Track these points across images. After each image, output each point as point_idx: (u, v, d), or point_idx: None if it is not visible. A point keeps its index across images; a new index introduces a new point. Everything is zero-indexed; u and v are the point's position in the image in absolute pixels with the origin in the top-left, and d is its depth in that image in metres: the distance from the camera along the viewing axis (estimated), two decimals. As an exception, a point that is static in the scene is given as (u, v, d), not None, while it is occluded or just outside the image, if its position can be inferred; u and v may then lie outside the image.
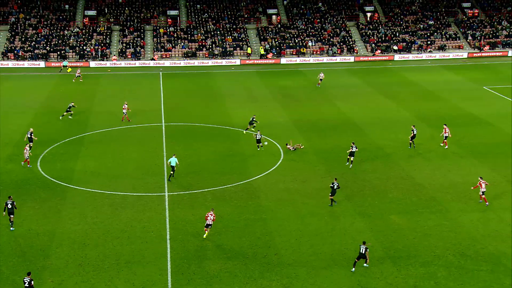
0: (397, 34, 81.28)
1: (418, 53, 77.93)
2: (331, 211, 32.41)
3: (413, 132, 41.39)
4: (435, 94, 57.57)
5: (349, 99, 55.79)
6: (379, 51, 77.62)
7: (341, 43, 79.14)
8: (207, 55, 75.50)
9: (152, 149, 41.63)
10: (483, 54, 77.46)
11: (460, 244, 28.85)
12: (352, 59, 75.88)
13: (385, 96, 56.87)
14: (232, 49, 76.62)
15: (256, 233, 30.05)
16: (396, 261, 27.56)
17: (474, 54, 77.42)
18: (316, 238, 29.66)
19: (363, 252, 26.74)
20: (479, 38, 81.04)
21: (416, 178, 36.78)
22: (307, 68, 71.33)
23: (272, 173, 37.78)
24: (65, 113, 47.95)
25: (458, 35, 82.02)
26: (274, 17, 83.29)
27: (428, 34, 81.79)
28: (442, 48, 79.31)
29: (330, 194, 33.07)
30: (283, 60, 74.68)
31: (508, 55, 77.33)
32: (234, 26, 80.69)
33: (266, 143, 42.43)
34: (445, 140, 42.10)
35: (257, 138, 41.30)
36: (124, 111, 47.32)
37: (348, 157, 38.77)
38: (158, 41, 77.28)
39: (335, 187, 32.95)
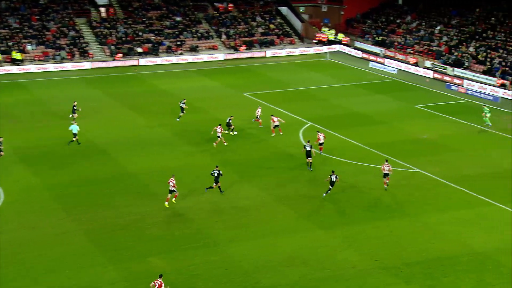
0: (140, 34, 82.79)
1: (167, 56, 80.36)
2: (77, 262, 31.24)
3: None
4: (192, 105, 59.91)
5: (88, 116, 54.89)
6: (121, 55, 78.13)
7: (71, 46, 77.69)
8: None
9: None
10: (240, 56, 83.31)
11: (233, 282, 30.18)
12: (87, 65, 74.97)
13: (134, 110, 57.29)
14: None
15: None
16: (160, 314, 27.63)
17: (231, 56, 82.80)
18: (57, 300, 28.23)
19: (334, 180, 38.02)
20: (234, 37, 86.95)
21: (178, 209, 37.61)
22: (29, 79, 68.32)
23: (-10, 221, 35.09)
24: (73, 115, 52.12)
25: (210, 34, 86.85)
26: (-23, 13, 78.22)
27: (177, 33, 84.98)
28: (194, 49, 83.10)
29: (214, 182, 38.86)
30: (-4, 70, 70.43)
31: (266, 55, 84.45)
32: None
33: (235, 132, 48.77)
34: (273, 129, 49.94)
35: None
36: None
37: None
38: None
39: (216, 174, 38.59)
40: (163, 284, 27.68)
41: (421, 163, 45.36)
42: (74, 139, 47.28)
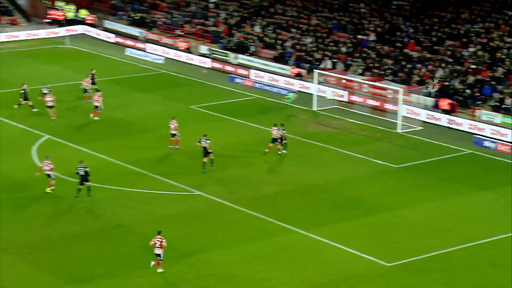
0: None
1: None
2: None
3: None
4: None
5: None
6: None
7: None
8: None
9: None
10: None
11: None
12: None
13: None
14: None
15: None
16: None
17: None
18: None
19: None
20: None
21: None
22: None
23: None
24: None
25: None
26: None
27: None
28: None
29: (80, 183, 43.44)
30: None
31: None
32: None
33: None
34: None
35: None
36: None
37: None
38: None
39: (82, 172, 43.08)
40: (164, 241, 35.41)
41: (202, 184, 46.70)
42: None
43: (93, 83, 63.67)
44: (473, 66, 62.59)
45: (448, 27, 69.03)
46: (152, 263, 36.09)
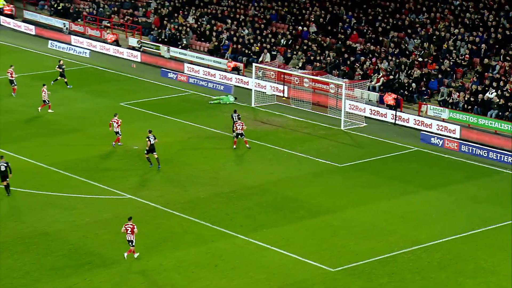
0: None
1: None
2: None
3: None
4: None
5: None
6: None
7: None
8: None
9: None
10: None
11: None
12: None
13: None
14: None
15: None
16: None
17: None
18: None
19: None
20: None
21: None
22: None
23: None
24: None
25: None
26: None
27: None
28: None
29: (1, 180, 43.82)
30: None
31: None
32: None
33: None
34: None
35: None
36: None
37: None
38: None
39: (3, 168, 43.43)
40: (135, 227, 37.26)
41: (134, 187, 46.57)
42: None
43: (62, 75, 64.91)
44: (420, 59, 63.29)
45: (392, 18, 69.73)
46: (126, 254, 37.18)
